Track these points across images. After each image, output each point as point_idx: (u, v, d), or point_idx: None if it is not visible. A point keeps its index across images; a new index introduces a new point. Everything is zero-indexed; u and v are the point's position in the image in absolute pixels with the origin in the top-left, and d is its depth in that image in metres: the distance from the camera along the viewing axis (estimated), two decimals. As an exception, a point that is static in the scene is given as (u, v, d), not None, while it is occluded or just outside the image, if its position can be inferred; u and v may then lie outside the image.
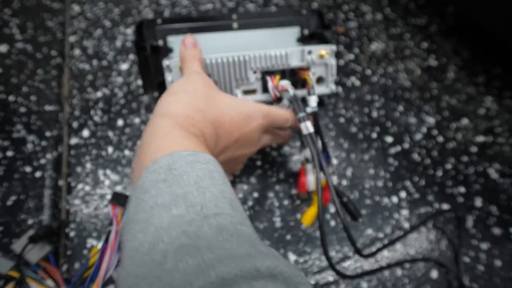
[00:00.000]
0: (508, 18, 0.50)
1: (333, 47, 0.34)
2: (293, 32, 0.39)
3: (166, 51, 0.36)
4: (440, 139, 0.50)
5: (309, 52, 0.33)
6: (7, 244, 0.35)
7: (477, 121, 0.53)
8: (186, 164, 0.20)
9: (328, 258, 0.29)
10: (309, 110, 0.32)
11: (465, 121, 0.53)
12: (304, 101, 0.34)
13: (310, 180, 0.35)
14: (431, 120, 0.53)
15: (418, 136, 0.50)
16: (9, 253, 0.33)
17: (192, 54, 0.29)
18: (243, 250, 0.16)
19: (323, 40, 0.37)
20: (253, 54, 0.32)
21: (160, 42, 0.36)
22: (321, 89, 0.35)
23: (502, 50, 0.60)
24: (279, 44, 0.37)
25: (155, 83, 0.35)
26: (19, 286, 0.33)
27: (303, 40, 0.39)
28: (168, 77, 0.32)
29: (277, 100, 0.33)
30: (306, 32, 0.39)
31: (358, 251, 0.30)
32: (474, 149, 0.50)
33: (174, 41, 0.36)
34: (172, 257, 0.15)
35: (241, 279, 0.14)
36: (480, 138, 0.51)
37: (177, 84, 0.27)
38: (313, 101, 0.32)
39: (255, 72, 0.33)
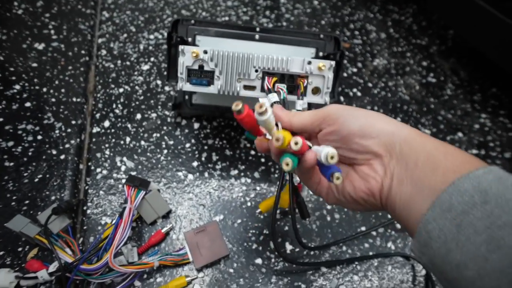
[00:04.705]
0: (503, 43, 0.54)
1: (332, 62, 0.36)
2: (309, 52, 0.41)
3: (193, 46, 0.40)
4: (435, 149, 0.53)
5: (309, 63, 0.36)
6: (33, 215, 0.39)
7: (471, 135, 0.56)
8: None
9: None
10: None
11: (459, 134, 0.56)
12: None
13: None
14: (427, 132, 0.56)
15: (414, 146, 0.54)
16: (35, 222, 0.37)
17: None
18: None
19: (333, 60, 0.39)
20: (257, 54, 0.36)
21: (190, 39, 0.40)
22: (316, 99, 0.38)
23: (498, 72, 0.64)
24: None
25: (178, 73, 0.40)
26: (42, 252, 0.37)
27: None
28: (181, 60, 0.36)
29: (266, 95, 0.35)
30: (321, 54, 0.41)
31: (301, 244, 0.35)
32: (467, 160, 0.53)
33: (201, 40, 0.40)
34: None
35: None
36: (474, 151, 0.54)
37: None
38: (299, 105, 0.35)
39: (257, 71, 0.36)
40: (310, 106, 0.47)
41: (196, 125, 0.50)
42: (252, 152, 0.49)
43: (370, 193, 0.24)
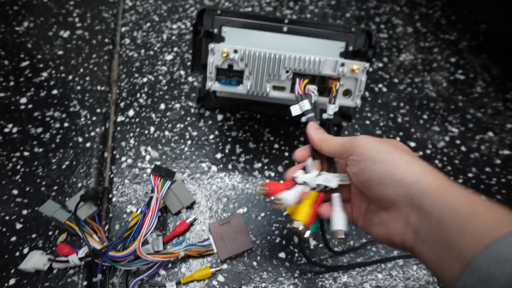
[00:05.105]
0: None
1: (366, 65, 0.35)
2: (339, 46, 0.40)
3: (219, 38, 0.39)
4: (463, 148, 0.52)
5: (342, 65, 0.34)
6: (62, 200, 0.39)
7: (503, 135, 0.54)
8: None
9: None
10: (324, 116, 0.34)
11: (490, 134, 0.54)
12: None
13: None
14: (455, 130, 0.54)
15: (441, 144, 0.52)
16: (64, 208, 0.37)
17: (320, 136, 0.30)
18: None
19: (365, 58, 0.38)
20: (288, 55, 0.34)
21: (215, 30, 0.39)
22: (347, 102, 0.37)
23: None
24: (322, 54, 0.38)
25: (202, 65, 0.39)
26: (70, 237, 0.37)
27: (346, 55, 0.40)
28: (211, 59, 0.35)
29: (296, 100, 0.35)
30: (351, 48, 0.40)
31: (329, 248, 0.37)
32: (498, 161, 0.51)
33: (227, 31, 0.39)
34: None
35: None
36: (506, 152, 0.52)
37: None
38: (330, 109, 0.34)
39: (287, 72, 0.35)
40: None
41: (219, 117, 0.50)
42: (276, 146, 0.48)
43: (390, 240, 0.25)
